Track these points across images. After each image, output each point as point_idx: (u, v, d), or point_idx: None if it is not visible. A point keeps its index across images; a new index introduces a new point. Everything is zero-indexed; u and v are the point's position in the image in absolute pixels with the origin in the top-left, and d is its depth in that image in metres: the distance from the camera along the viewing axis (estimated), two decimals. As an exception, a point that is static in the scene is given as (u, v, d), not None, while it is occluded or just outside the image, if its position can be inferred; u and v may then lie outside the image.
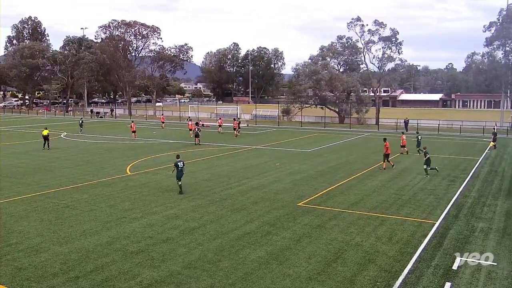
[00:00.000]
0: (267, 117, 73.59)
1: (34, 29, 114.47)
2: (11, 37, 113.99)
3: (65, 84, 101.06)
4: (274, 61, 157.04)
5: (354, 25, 67.91)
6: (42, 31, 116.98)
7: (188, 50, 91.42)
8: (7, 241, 14.69)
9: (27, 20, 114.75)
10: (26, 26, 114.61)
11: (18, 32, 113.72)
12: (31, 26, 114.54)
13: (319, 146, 40.00)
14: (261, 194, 21.37)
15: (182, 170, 21.59)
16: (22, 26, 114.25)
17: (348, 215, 17.94)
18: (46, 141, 36.97)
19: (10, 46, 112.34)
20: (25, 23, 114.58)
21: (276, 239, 15.06)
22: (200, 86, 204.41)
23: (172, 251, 13.94)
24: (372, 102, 71.20)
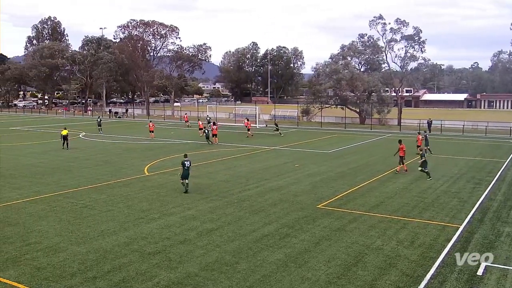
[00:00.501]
0: (286, 118, 73.49)
1: (53, 29, 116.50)
2: (31, 37, 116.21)
3: (84, 84, 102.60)
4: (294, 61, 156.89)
5: (375, 23, 67.34)
6: (61, 31, 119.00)
7: (206, 49, 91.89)
8: (26, 241, 14.98)
9: (46, 20, 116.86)
10: (46, 26, 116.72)
11: (38, 32, 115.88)
12: (50, 26, 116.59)
13: (339, 147, 39.77)
14: (280, 196, 21.35)
15: (188, 169, 21.85)
16: (42, 26, 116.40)
17: (369, 218, 17.79)
18: (65, 141, 37.57)
19: (30, 46, 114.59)
20: (45, 23, 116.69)
21: (295, 242, 15.02)
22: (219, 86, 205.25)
23: (189, 252, 14.02)
24: (394, 102, 70.53)
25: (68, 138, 38.00)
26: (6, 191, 22.15)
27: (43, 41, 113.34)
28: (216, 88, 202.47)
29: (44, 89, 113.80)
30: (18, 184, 23.67)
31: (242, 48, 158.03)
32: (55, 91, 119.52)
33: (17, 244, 14.63)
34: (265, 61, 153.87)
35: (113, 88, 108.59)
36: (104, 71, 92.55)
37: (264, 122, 65.13)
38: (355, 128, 59.75)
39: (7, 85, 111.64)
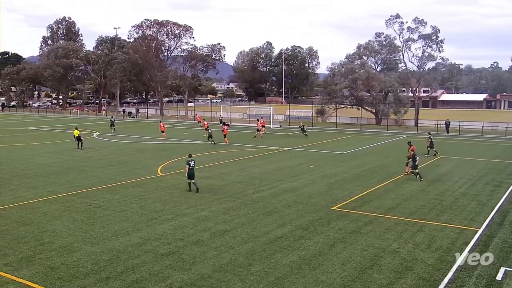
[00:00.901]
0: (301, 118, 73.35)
1: (68, 29, 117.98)
2: (46, 37, 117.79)
3: (98, 84, 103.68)
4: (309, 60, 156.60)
5: (392, 22, 66.87)
6: (76, 31, 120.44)
7: (220, 49, 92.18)
8: (40, 240, 15.18)
9: (61, 20, 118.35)
10: (60, 27, 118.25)
11: (52, 32, 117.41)
12: (65, 26, 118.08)
13: (355, 148, 39.57)
14: (294, 197, 21.32)
15: (193, 169, 22.27)
16: (56, 26, 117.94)
17: (385, 221, 17.67)
18: (79, 141, 38.03)
19: (45, 46, 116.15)
20: (60, 23, 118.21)
21: (309, 244, 14.98)
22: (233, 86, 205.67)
23: (202, 253, 14.07)
24: (411, 102, 69.97)
25: (81, 138, 38.42)
26: (21, 190, 22.48)
27: (57, 41, 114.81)
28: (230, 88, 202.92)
29: (58, 89, 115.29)
30: (33, 184, 24.01)
31: (256, 47, 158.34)
32: (69, 91, 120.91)
33: (31, 244, 14.84)
34: (279, 60, 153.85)
35: (127, 88, 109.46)
36: (118, 71, 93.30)
37: (279, 122, 65.07)
38: (371, 129, 59.40)
39: (22, 85, 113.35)
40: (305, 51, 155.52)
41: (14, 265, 13.13)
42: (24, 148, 38.53)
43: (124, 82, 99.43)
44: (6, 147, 39.63)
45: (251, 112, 76.48)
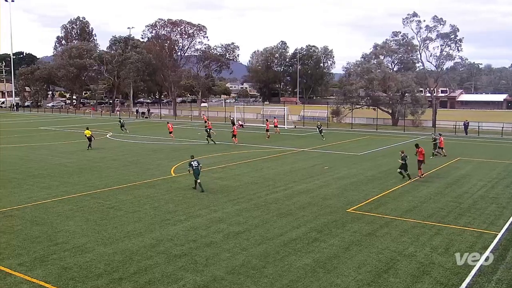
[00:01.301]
0: (316, 119, 73.14)
1: (82, 29, 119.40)
2: (60, 38, 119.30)
3: (111, 84, 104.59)
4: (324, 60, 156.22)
5: (410, 21, 66.33)
6: (90, 31, 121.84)
7: (234, 49, 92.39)
8: (54, 240, 15.37)
9: (75, 20, 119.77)
10: (74, 27, 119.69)
11: (67, 32, 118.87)
12: (79, 26, 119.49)
13: (371, 149, 39.34)
14: (309, 199, 21.27)
15: (198, 168, 22.72)
16: (70, 26, 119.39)
17: (401, 223, 17.54)
18: (90, 141, 38.19)
19: (59, 46, 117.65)
20: (74, 23, 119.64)
21: (324, 247, 14.94)
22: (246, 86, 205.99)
23: (215, 255, 14.11)
24: (428, 103, 69.31)
25: (92, 138, 38.47)
26: (35, 190, 22.79)
27: (71, 41, 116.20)
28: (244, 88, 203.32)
29: (72, 89, 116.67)
30: (47, 184, 24.31)
31: (270, 47, 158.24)
32: (83, 91, 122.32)
33: (44, 244, 15.03)
34: (294, 60, 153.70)
35: (140, 88, 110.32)
36: (131, 71, 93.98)
37: (293, 123, 64.98)
38: (387, 130, 59.00)
39: (36, 85, 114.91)
40: (320, 50, 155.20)
41: (28, 265, 13.31)
42: (38, 148, 39.02)
43: (138, 82, 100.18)
44: (21, 147, 40.19)
45: (265, 112, 76.43)
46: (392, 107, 67.04)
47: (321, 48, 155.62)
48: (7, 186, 23.75)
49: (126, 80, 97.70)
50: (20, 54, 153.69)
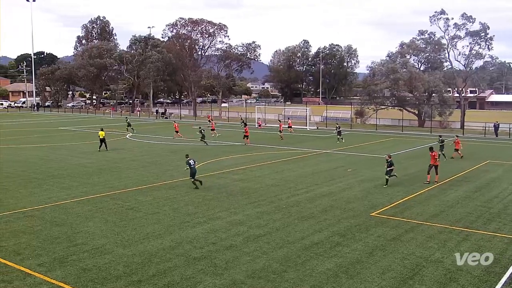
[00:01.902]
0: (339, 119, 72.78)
1: (102, 29, 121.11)
2: (80, 37, 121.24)
3: (131, 84, 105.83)
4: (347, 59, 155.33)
5: (437, 18, 65.51)
6: (110, 30, 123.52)
7: (255, 48, 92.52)
8: (73, 241, 15.62)
9: (96, 20, 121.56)
10: (95, 26, 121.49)
11: (87, 32, 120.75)
12: (99, 26, 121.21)
13: (396, 151, 38.92)
14: (331, 202, 21.16)
15: (194, 167, 23.88)
16: (91, 26, 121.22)
17: (427, 228, 17.31)
18: (102, 143, 37.85)
19: (79, 46, 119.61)
20: (94, 23, 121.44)
21: (347, 251, 14.84)
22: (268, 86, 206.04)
23: (235, 258, 14.14)
24: (456, 103, 68.29)
25: (105, 140, 38.16)
26: (55, 191, 23.20)
27: (92, 40, 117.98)
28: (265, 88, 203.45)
29: (92, 89, 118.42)
30: (67, 184, 24.73)
31: (292, 46, 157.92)
32: (103, 91, 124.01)
33: (64, 245, 15.28)
34: (316, 59, 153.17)
35: (160, 88, 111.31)
36: (151, 70, 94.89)
37: (315, 124, 64.75)
38: (413, 131, 58.32)
39: (56, 85, 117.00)
40: (343, 49, 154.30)
41: (47, 265, 13.55)
42: (58, 148, 39.70)
43: (158, 82, 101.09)
44: (42, 147, 40.97)
45: (287, 113, 76.33)
46: (419, 107, 66.24)
47: (344, 47, 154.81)
48: (28, 186, 24.23)
49: (146, 80, 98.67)
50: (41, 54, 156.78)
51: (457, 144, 34.91)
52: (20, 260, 13.91)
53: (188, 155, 25.03)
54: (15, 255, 14.32)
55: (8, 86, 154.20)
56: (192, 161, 24.01)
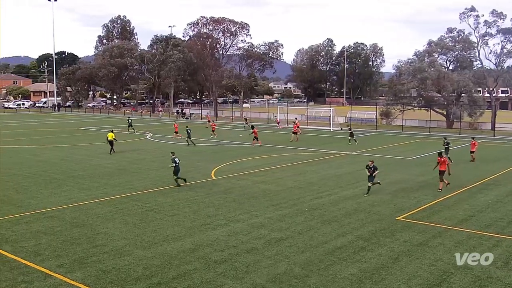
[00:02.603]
0: (364, 120, 72.22)
1: (123, 28, 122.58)
2: (101, 37, 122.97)
3: (152, 84, 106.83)
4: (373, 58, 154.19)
5: (467, 16, 64.49)
6: (131, 30, 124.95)
7: (278, 47, 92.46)
8: (93, 242, 15.84)
9: (116, 19, 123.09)
10: (115, 25, 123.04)
11: (108, 31, 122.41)
12: (120, 25, 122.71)
13: (423, 153, 38.44)
14: (355, 205, 21.01)
15: (178, 165, 24.69)
16: (112, 25, 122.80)
17: (456, 233, 17.04)
18: (111, 145, 37.03)
19: (100, 46, 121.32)
20: (115, 22, 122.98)
21: (371, 256, 14.71)
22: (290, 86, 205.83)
23: (256, 262, 14.15)
24: (487, 104, 67.10)
25: (113, 142, 37.31)
26: (75, 191, 23.57)
27: (112, 40, 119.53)
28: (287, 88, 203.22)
29: (113, 89, 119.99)
30: (87, 185, 25.10)
31: (316, 45, 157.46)
32: (123, 91, 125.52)
33: (84, 246, 15.51)
34: (341, 59, 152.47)
35: (181, 88, 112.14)
36: (172, 70, 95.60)
37: (339, 125, 64.42)
38: (441, 133, 57.44)
39: (77, 85, 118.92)
40: (369, 48, 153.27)
41: (67, 266, 13.76)
42: (78, 149, 40.33)
43: (179, 82, 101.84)
44: (62, 147, 41.67)
45: (310, 113, 76.10)
46: (447, 108, 65.29)
47: (370, 46, 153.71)
48: (48, 187, 24.67)
49: (166, 79, 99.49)
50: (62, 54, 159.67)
51: (473, 146, 34.37)
52: (40, 261, 14.16)
53: (173, 153, 25.65)
54: (36, 256, 14.59)
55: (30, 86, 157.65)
56: (177, 159, 24.86)
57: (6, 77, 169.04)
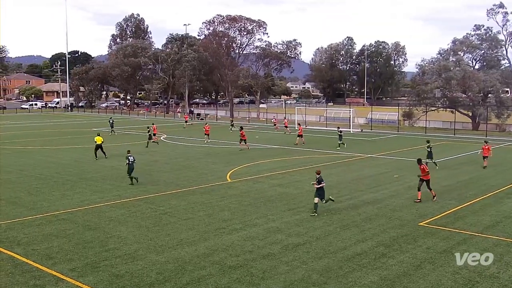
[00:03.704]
0: (385, 122, 71.75)
1: (137, 27, 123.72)
2: (115, 36, 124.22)
3: (166, 84, 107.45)
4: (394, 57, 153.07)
5: (495, 12, 63.81)
6: (145, 28, 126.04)
7: (296, 46, 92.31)
8: (105, 246, 15.99)
9: (130, 17, 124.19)
10: (129, 24, 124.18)
11: (121, 30, 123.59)
12: (134, 23, 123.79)
13: (447, 156, 38.06)
14: (376, 210, 20.89)
15: (132, 164, 25.79)
16: (125, 24, 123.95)
17: (482, 240, 16.84)
18: (98, 149, 35.31)
19: (114, 45, 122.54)
20: (128, 20, 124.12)
21: (392, 263, 14.61)
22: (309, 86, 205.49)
23: (272, 268, 14.14)
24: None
25: (102, 146, 35.63)
26: (87, 193, 23.83)
27: (126, 39, 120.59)
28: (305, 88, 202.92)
29: (126, 89, 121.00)
30: (100, 187, 25.36)
31: (335, 43, 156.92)
32: (137, 91, 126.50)
33: (96, 249, 15.67)
34: (361, 58, 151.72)
35: (196, 88, 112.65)
36: (187, 69, 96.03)
37: (359, 126, 64.11)
38: (466, 135, 56.86)
39: (90, 85, 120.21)
40: (390, 47, 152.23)
41: (79, 270, 13.92)
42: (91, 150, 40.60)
43: (193, 82, 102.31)
44: (75, 148, 42.17)
45: (329, 114, 75.83)
46: (473, 109, 64.51)
47: (391, 44, 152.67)
48: (61, 189, 24.99)
49: (181, 79, 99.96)
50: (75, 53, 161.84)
51: (486, 151, 32.40)
52: (52, 264, 14.35)
53: (129, 151, 26.86)
54: (47, 259, 14.79)
55: (42, 86, 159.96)
56: (132, 157, 25.85)
57: (18, 77, 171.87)
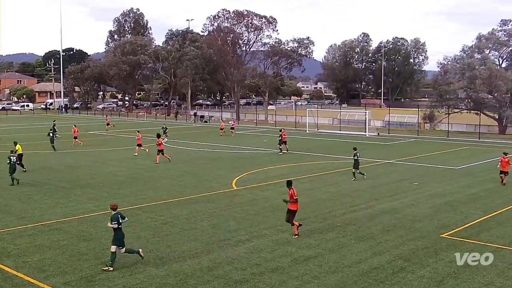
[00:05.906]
0: (403, 125, 71.55)
1: (136, 22, 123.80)
2: (112, 32, 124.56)
3: (167, 84, 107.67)
4: (414, 55, 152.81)
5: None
6: (144, 24, 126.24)
7: (308, 44, 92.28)
8: (101, 258, 16.02)
9: (128, 12, 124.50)
10: (127, 19, 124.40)
11: (119, 26, 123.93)
12: (132, 19, 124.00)
13: (471, 162, 37.90)
14: (394, 221, 20.83)
15: (14, 164, 27.29)
16: (123, 19, 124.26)
17: (509, 254, 16.75)
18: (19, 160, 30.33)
19: (111, 42, 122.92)
20: (127, 15, 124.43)
21: (412, 278, 14.56)
22: (321, 85, 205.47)
23: (282, 283, 14.12)
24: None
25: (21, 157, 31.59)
26: (82, 201, 23.92)
27: (124, 35, 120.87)
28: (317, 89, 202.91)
29: (124, 89, 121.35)
30: (95, 195, 25.45)
31: (350, 40, 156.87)
32: (136, 92, 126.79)
33: (92, 262, 15.72)
34: (378, 55, 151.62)
35: (199, 88, 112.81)
36: (189, 68, 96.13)
37: (376, 129, 63.98)
38: (492, 139, 56.62)
39: (86, 85, 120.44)
40: (409, 43, 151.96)
41: (74, 284, 13.97)
42: (87, 155, 40.91)
43: (196, 81, 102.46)
44: (69, 153, 42.35)
45: (343, 117, 75.70)
46: (500, 111, 64.21)
47: (411, 41, 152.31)
48: (54, 196, 25.09)
49: (183, 79, 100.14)
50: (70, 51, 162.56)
51: (505, 164, 28.65)
52: (45, 278, 14.41)
53: (12, 151, 28.25)
54: (40, 272, 14.84)
55: (35, 86, 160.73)
56: (14, 157, 27.34)
57: (9, 76, 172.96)
